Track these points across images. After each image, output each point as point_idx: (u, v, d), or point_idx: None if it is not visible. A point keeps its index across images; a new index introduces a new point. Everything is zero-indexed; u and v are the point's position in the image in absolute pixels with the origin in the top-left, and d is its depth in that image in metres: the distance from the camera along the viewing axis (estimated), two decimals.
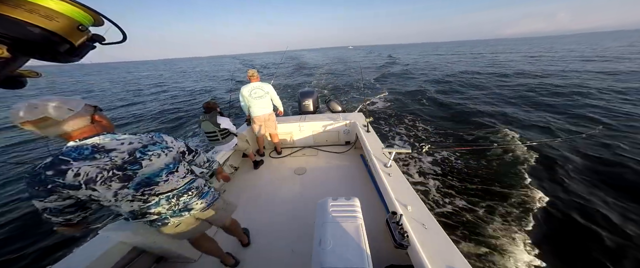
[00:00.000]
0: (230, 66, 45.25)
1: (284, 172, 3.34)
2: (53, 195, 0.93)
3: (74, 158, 0.96)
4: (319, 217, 1.49)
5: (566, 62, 20.29)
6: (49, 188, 0.91)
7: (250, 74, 3.19)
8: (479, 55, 36.38)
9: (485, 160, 4.92)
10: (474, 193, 3.90)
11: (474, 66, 22.37)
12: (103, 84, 27.49)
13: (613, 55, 23.57)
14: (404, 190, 1.90)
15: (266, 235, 2.23)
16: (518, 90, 11.55)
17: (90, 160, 0.98)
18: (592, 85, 11.06)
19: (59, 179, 0.92)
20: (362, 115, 3.98)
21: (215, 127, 2.72)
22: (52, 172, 0.91)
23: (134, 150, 1.09)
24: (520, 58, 27.02)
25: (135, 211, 1.15)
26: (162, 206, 1.21)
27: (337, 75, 21.34)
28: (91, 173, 0.97)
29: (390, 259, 1.76)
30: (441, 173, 4.51)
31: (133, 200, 1.11)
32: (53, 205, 0.95)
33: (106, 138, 1.04)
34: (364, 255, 1.18)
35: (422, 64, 26.13)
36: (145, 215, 1.19)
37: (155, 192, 1.16)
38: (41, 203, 0.94)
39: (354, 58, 41.19)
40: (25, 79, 0.54)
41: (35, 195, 0.93)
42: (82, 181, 0.96)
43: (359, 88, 13.50)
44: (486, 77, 15.87)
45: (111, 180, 1.02)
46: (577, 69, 16.11)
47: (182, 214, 1.31)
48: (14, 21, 0.42)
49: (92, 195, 1.00)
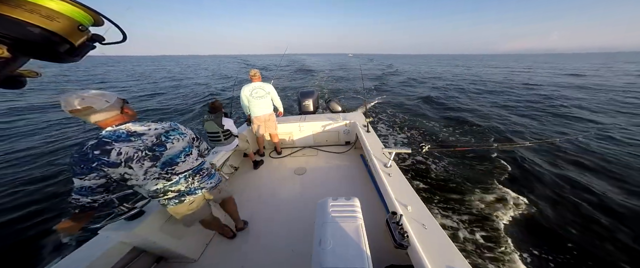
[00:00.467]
0: (231, 65, 45.33)
1: (284, 172, 3.33)
2: (93, 173, 1.09)
3: (114, 140, 1.16)
4: (319, 217, 1.49)
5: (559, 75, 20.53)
6: (93, 167, 1.09)
7: (252, 73, 3.19)
8: (476, 67, 36.73)
9: (485, 161, 4.92)
10: (474, 193, 3.90)
11: (472, 76, 22.58)
12: (109, 76, 27.60)
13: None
14: (404, 190, 1.90)
15: (266, 235, 2.23)
16: (517, 97, 11.65)
17: (128, 142, 1.19)
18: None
19: (104, 157, 1.11)
20: (362, 115, 3.98)
21: (219, 128, 2.71)
22: (99, 151, 1.11)
23: (159, 135, 1.31)
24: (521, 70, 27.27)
25: (158, 189, 1.34)
26: (181, 184, 1.42)
27: (338, 79, 21.40)
28: (130, 152, 1.18)
29: (390, 259, 1.75)
30: (441, 173, 4.51)
31: (159, 178, 1.32)
32: (89, 183, 1.10)
33: (136, 125, 1.25)
34: (364, 255, 1.18)
35: (422, 73, 26.42)
36: (167, 193, 1.39)
37: (175, 171, 1.37)
38: (81, 181, 1.08)
39: (355, 65, 41.21)
40: (25, 79, 0.54)
41: (79, 172, 1.08)
42: (123, 159, 1.16)
43: (359, 90, 13.52)
44: (487, 85, 15.97)
45: (144, 160, 1.24)
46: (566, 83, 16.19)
47: (196, 192, 1.52)
48: (14, 21, 0.42)
49: (125, 174, 1.19)
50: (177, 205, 1.46)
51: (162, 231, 1.73)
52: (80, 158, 1.08)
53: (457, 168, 4.68)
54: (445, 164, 4.81)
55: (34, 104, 10.67)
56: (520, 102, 10.70)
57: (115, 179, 1.18)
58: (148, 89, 16.68)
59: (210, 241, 2.19)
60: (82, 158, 1.08)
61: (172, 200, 1.43)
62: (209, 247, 2.12)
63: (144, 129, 1.26)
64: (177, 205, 1.46)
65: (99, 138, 1.14)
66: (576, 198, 3.77)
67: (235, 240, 2.18)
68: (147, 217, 1.62)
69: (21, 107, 10.05)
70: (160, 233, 1.71)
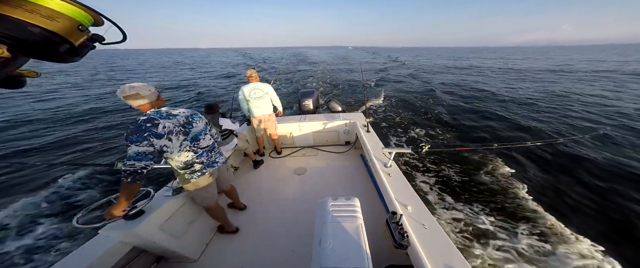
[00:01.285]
0: (229, 59, 45.37)
1: (284, 172, 3.33)
2: (145, 141, 1.38)
3: (160, 117, 1.47)
4: (319, 217, 1.49)
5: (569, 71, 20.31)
6: (145, 136, 1.38)
7: (250, 74, 3.19)
8: (481, 61, 36.54)
9: (485, 161, 4.92)
10: (474, 193, 3.90)
11: (476, 72, 22.48)
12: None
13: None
14: (404, 190, 1.90)
15: (266, 235, 2.23)
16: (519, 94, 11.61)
17: (168, 119, 1.51)
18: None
19: (153, 129, 1.41)
20: (362, 115, 3.98)
21: (217, 128, 2.72)
22: (150, 124, 1.41)
23: (187, 116, 1.66)
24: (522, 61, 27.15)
25: (188, 161, 1.66)
26: (204, 157, 1.76)
27: (338, 71, 21.43)
28: (170, 126, 1.50)
29: (390, 259, 1.76)
30: (441, 173, 4.51)
31: (188, 151, 1.64)
32: (143, 149, 1.37)
33: (170, 109, 1.59)
34: (364, 255, 1.18)
35: (423, 67, 26.19)
36: (194, 164, 1.70)
37: (200, 145, 1.72)
38: (137, 147, 1.35)
39: (355, 57, 41.30)
40: (25, 79, 0.54)
41: (135, 140, 1.35)
42: (166, 131, 1.47)
43: (359, 88, 13.51)
44: (490, 82, 15.94)
45: (179, 134, 1.56)
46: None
47: (214, 165, 1.85)
48: (15, 21, 0.42)
49: (164, 146, 1.48)
50: (199, 177, 1.74)
51: (162, 231, 1.73)
52: (137, 129, 1.37)
53: (457, 168, 4.67)
54: (446, 164, 4.80)
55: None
56: (535, 99, 10.43)
57: (157, 150, 1.46)
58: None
59: (210, 241, 2.19)
60: (138, 129, 1.37)
61: (197, 172, 1.72)
62: (209, 247, 2.12)
63: (177, 111, 1.62)
64: (199, 177, 1.74)
65: (147, 115, 1.44)
66: (577, 196, 3.77)
67: (235, 240, 2.18)
68: (147, 217, 1.62)
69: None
70: (160, 233, 1.71)
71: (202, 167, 1.75)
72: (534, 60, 36.26)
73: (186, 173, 1.70)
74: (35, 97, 11.86)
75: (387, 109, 9.42)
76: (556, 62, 31.88)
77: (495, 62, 33.31)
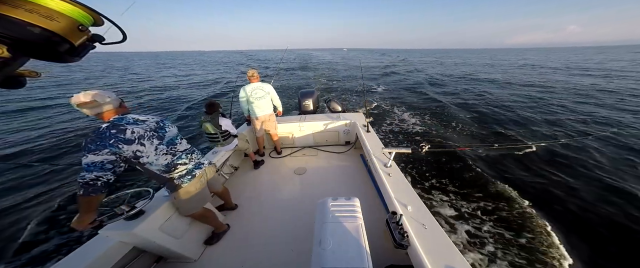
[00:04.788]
0: (227, 59, 45.28)
1: (284, 172, 3.33)
2: (107, 149, 1.26)
3: (126, 123, 1.37)
4: (319, 217, 1.49)
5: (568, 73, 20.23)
6: (109, 143, 1.26)
7: (250, 74, 3.19)
8: (479, 61, 36.49)
9: (486, 160, 4.92)
10: (474, 193, 3.90)
11: (475, 72, 22.46)
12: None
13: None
14: (404, 190, 1.90)
15: (266, 235, 2.23)
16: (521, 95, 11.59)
17: (136, 125, 1.41)
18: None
19: (120, 135, 1.31)
20: (362, 115, 3.98)
21: (217, 129, 2.70)
22: (115, 131, 1.30)
23: (157, 121, 1.57)
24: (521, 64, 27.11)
25: (169, 164, 1.58)
26: (184, 159, 1.67)
27: (337, 71, 21.42)
28: (141, 132, 1.41)
29: (390, 259, 1.75)
30: (441, 173, 4.50)
31: (166, 154, 1.56)
32: (100, 158, 1.24)
33: (136, 115, 1.48)
34: (364, 255, 1.18)
35: (423, 68, 26.20)
36: (177, 167, 1.63)
37: (177, 149, 1.64)
38: (93, 156, 1.23)
39: (355, 58, 41.31)
40: (25, 79, 0.54)
41: (93, 149, 1.23)
42: (136, 136, 1.38)
43: (358, 89, 13.50)
44: (487, 83, 15.93)
45: (152, 138, 1.47)
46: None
47: (201, 167, 1.80)
48: (14, 21, 0.42)
49: (137, 151, 1.38)
50: (190, 181, 1.69)
51: (161, 231, 1.73)
52: (97, 136, 1.26)
53: (457, 168, 4.67)
54: (446, 164, 4.80)
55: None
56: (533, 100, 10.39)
57: (127, 157, 1.36)
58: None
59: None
60: (99, 137, 1.26)
61: (185, 176, 1.66)
62: (209, 246, 2.12)
63: (144, 117, 1.52)
64: (190, 181, 1.69)
65: (111, 122, 1.34)
66: (573, 198, 3.77)
67: (235, 240, 2.18)
68: (147, 217, 1.62)
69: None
70: (160, 233, 1.71)
71: (189, 171, 1.69)
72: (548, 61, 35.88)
73: (175, 179, 1.62)
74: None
75: (387, 109, 9.43)
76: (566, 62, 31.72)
77: (495, 62, 33.26)
